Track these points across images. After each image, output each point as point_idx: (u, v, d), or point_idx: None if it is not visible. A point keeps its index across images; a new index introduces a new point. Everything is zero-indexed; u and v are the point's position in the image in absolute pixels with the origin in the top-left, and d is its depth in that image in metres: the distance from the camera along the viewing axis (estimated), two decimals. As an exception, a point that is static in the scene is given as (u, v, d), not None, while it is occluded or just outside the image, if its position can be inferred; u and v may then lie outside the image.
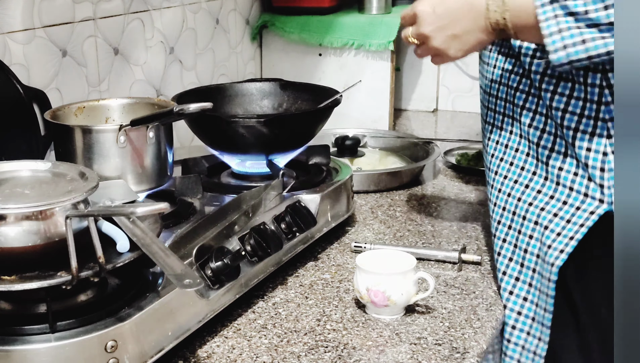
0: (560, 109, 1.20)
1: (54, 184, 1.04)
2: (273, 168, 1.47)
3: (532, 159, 1.27)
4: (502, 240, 1.31)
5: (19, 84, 1.35)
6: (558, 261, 1.21)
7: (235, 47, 2.19)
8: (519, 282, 1.28)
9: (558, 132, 1.22)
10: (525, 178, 1.28)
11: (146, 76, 1.83)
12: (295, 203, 1.40)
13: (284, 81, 1.69)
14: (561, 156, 1.23)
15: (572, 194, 1.22)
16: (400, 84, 2.58)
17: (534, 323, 1.26)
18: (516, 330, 1.28)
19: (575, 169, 1.22)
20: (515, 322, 1.28)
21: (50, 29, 1.54)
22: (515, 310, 1.28)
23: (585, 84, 1.18)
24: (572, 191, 1.22)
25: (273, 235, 1.29)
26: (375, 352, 1.14)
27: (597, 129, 1.18)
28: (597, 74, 1.17)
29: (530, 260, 1.27)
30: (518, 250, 1.28)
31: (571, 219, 1.21)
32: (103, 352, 0.97)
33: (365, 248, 1.45)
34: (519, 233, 1.28)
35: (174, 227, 1.20)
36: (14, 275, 0.96)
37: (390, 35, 2.14)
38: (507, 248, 1.30)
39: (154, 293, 1.06)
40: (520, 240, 1.28)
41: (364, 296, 1.23)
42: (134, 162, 1.24)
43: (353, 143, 1.97)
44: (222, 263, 1.17)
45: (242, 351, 1.14)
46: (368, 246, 1.45)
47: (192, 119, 1.48)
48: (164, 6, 1.86)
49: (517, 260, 1.29)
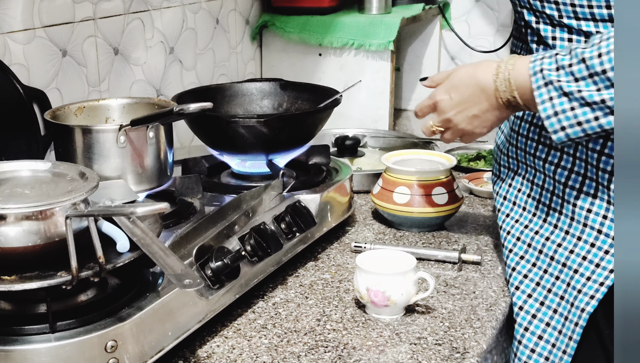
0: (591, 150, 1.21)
1: (54, 184, 1.04)
2: (273, 168, 1.47)
3: (559, 199, 1.26)
4: (524, 275, 1.29)
5: (19, 84, 1.35)
6: (589, 307, 1.18)
7: (235, 47, 2.19)
8: (535, 320, 1.26)
9: (588, 173, 1.22)
10: (553, 216, 1.27)
11: (146, 76, 1.83)
12: (295, 203, 1.40)
13: (284, 81, 1.69)
14: (590, 198, 1.22)
15: (600, 237, 1.20)
16: (400, 84, 2.58)
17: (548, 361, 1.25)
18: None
19: (604, 212, 1.20)
20: (528, 359, 1.26)
21: (50, 29, 1.54)
22: (529, 348, 1.26)
23: None
24: (600, 234, 1.20)
25: (273, 235, 1.29)
26: (375, 352, 1.14)
27: None
28: None
29: (552, 300, 1.25)
30: (540, 288, 1.26)
31: (600, 264, 1.19)
32: (103, 352, 0.97)
33: (365, 248, 1.45)
34: (544, 272, 1.26)
35: (174, 227, 1.20)
36: (14, 275, 0.96)
37: (390, 35, 2.14)
38: (528, 285, 1.28)
39: (154, 293, 1.06)
40: (545, 280, 1.26)
41: (364, 296, 1.23)
42: (134, 162, 1.24)
43: (353, 143, 1.97)
44: (222, 263, 1.17)
45: (242, 351, 1.14)
46: (368, 246, 1.45)
47: (192, 119, 1.48)
48: (164, 6, 1.86)
49: (536, 297, 1.27)
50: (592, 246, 1.21)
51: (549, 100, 1.13)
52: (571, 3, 1.17)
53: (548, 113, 1.14)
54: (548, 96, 1.13)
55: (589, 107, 1.10)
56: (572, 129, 1.13)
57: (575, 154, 1.23)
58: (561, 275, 1.24)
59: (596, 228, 1.21)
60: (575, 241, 1.23)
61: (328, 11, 2.22)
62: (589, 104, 1.10)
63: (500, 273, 1.39)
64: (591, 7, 1.15)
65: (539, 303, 1.26)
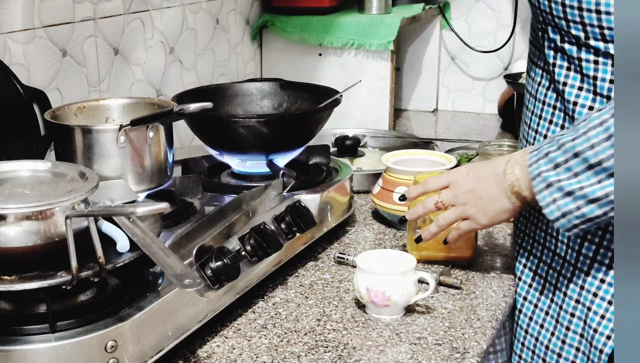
0: None
1: (54, 184, 1.04)
2: (273, 168, 1.47)
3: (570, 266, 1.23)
4: (545, 312, 1.26)
5: (19, 84, 1.35)
6: (606, 349, 1.15)
7: (235, 47, 2.19)
8: (558, 356, 1.24)
9: None
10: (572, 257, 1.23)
11: (146, 76, 1.83)
12: (295, 203, 1.40)
13: (284, 81, 1.69)
14: (604, 267, 1.19)
15: (609, 272, 1.17)
16: (400, 84, 2.59)
17: None
18: None
19: None
20: None
21: (50, 29, 1.54)
22: None
23: None
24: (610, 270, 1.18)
25: (273, 235, 1.29)
26: (375, 352, 1.14)
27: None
28: None
29: (573, 339, 1.22)
30: (559, 325, 1.23)
31: (613, 301, 1.16)
32: (103, 352, 0.97)
33: (348, 260, 1.41)
34: (560, 308, 1.23)
35: (174, 227, 1.20)
36: (14, 275, 0.96)
37: (390, 35, 2.14)
38: (550, 322, 1.25)
39: (154, 293, 1.06)
40: (562, 317, 1.23)
41: (364, 296, 1.23)
42: (134, 162, 1.24)
43: (353, 143, 1.97)
44: (222, 263, 1.17)
45: (242, 351, 1.14)
46: (351, 258, 1.41)
47: (192, 119, 1.48)
48: (164, 6, 1.86)
49: (558, 335, 1.24)
50: (602, 282, 1.18)
51: (553, 202, 1.12)
52: (599, 25, 1.10)
53: (556, 215, 1.12)
54: (551, 198, 1.12)
55: (595, 204, 1.08)
56: (585, 225, 1.11)
57: None
58: (576, 311, 1.21)
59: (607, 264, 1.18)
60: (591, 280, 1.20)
61: (328, 11, 2.22)
62: (594, 201, 1.08)
63: (501, 273, 1.39)
64: None
65: (560, 342, 1.24)
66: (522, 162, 1.17)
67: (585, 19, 1.11)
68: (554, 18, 1.15)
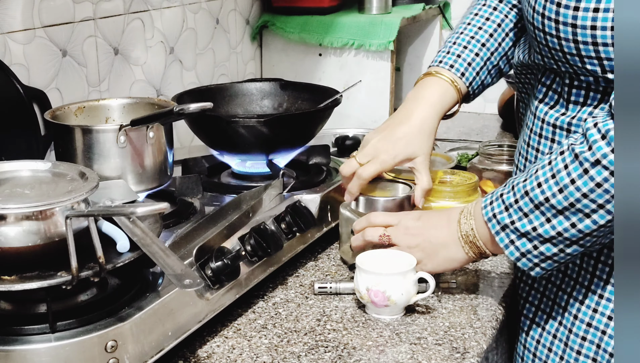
0: None
1: (54, 184, 1.04)
2: (273, 168, 1.47)
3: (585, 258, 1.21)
4: (553, 335, 1.23)
5: (19, 84, 1.35)
6: None
7: (235, 47, 2.19)
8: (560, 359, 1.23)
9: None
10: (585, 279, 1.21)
11: (146, 76, 1.83)
12: (295, 203, 1.40)
13: (284, 81, 1.69)
14: (599, 289, 1.17)
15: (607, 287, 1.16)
16: (400, 84, 2.58)
17: None
18: None
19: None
20: None
21: (50, 29, 1.54)
22: None
23: None
24: None
25: (273, 235, 1.29)
26: (375, 352, 1.14)
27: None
28: None
29: (570, 355, 1.20)
30: (569, 349, 1.21)
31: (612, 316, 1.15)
32: (103, 352, 0.97)
33: (331, 289, 1.30)
34: (569, 332, 1.21)
35: (174, 227, 1.20)
36: (14, 275, 0.96)
37: (390, 35, 2.14)
38: (558, 346, 1.23)
39: (154, 293, 1.06)
40: (572, 340, 1.20)
41: (364, 296, 1.23)
42: (134, 162, 1.24)
43: (353, 143, 1.97)
44: (222, 263, 1.17)
45: (242, 351, 1.14)
46: (333, 286, 1.30)
47: (192, 119, 1.48)
48: (164, 6, 1.86)
49: (567, 359, 1.21)
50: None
51: (511, 243, 1.12)
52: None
53: (516, 256, 1.13)
54: (509, 239, 1.12)
55: (550, 243, 1.09)
56: (545, 263, 1.12)
57: None
58: (587, 335, 1.19)
59: None
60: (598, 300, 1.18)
61: (328, 11, 2.22)
62: (548, 240, 1.09)
63: (501, 273, 1.39)
64: None
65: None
66: (477, 210, 1.17)
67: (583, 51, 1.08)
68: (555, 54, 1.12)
